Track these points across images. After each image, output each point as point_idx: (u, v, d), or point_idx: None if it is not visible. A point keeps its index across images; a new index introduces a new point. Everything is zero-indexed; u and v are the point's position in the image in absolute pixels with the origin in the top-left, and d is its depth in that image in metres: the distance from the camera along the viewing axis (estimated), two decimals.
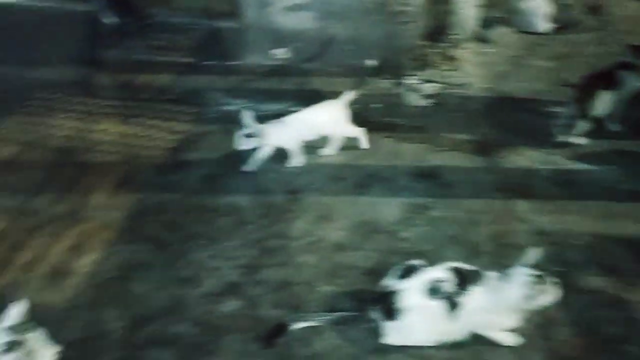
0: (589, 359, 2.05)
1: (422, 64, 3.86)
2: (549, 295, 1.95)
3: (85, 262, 2.53)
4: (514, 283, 1.96)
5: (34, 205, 2.85)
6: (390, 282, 2.14)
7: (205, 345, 2.17)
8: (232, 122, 2.98)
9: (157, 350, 2.16)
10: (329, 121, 3.05)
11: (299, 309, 2.28)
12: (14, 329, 1.57)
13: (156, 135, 3.34)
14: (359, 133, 3.13)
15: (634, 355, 2.06)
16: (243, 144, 2.88)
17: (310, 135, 3.06)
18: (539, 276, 1.93)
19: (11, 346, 1.52)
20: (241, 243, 2.61)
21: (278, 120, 2.99)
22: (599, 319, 2.19)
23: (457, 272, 2.05)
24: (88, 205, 2.83)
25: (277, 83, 3.77)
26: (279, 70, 3.83)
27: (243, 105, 3.38)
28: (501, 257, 2.40)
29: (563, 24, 4.28)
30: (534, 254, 1.97)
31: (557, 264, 2.33)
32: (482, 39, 4.19)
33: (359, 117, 3.26)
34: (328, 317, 2.21)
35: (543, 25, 4.24)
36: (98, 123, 3.45)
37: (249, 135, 2.87)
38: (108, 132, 3.37)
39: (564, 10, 4.39)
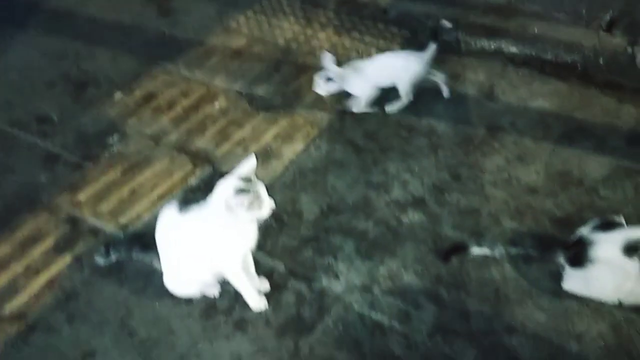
0: None
1: None
2: None
3: (291, 150, 2.81)
4: None
5: (255, 92, 3.19)
6: (585, 231, 2.09)
7: (385, 244, 2.33)
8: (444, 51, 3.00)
9: (342, 238, 2.38)
10: (401, 69, 2.89)
11: (479, 236, 2.33)
12: (246, 177, 1.84)
13: (363, 50, 3.47)
14: (441, 78, 3.00)
15: None
16: (322, 88, 2.90)
17: (384, 82, 2.93)
18: None
19: (245, 189, 1.79)
20: (434, 164, 2.68)
21: (356, 65, 2.92)
22: None
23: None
24: (300, 103, 3.09)
25: (496, 21, 3.65)
26: (503, 8, 3.69)
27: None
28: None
29: None
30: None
31: None
32: None
33: (580, 69, 3.09)
34: (508, 250, 2.23)
35: None
36: (316, 31, 3.68)
37: (328, 79, 2.86)
38: (323, 40, 3.58)
39: None
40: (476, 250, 2.23)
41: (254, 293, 2.09)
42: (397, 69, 2.90)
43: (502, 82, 3.16)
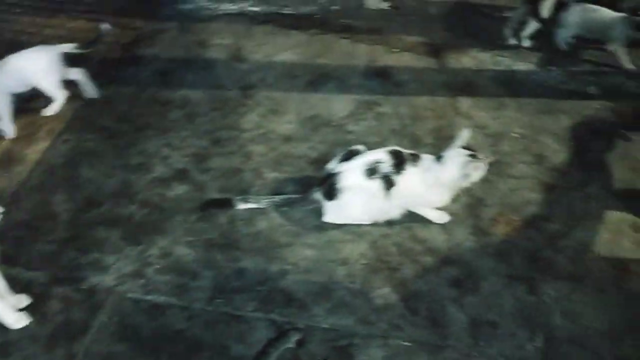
0: (511, 235, 2.21)
1: None
2: (479, 171, 2.07)
3: (35, 150, 2.55)
4: (449, 163, 2.07)
5: None
6: (332, 165, 2.24)
7: (152, 224, 2.26)
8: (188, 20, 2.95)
9: (105, 229, 2.24)
10: (35, 71, 2.62)
11: (245, 193, 2.37)
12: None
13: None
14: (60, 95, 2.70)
15: (551, 230, 2.23)
16: None
17: (19, 86, 2.63)
18: (472, 155, 2.04)
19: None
20: (192, 134, 2.65)
21: None
22: (524, 201, 2.34)
23: (395, 154, 2.15)
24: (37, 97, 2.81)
25: None
26: None
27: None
28: (440, 148, 2.51)
29: None
30: (465, 134, 2.08)
31: (490, 153, 2.47)
32: None
33: (318, 19, 3.27)
34: (272, 199, 2.31)
35: None
36: (51, 18, 3.36)
37: None
38: (61, 27, 3.29)
39: None
40: (242, 206, 2.27)
41: (9, 312, 1.89)
42: (30, 71, 2.61)
43: (248, 43, 3.22)
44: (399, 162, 2.12)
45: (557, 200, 2.35)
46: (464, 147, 2.08)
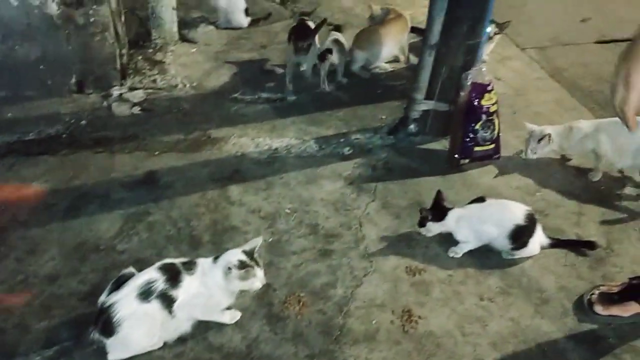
0: (303, 313, 2.23)
1: (128, 72, 3.78)
2: (257, 280, 2.07)
3: None
4: (219, 268, 2.04)
5: None
6: (103, 299, 2.05)
7: None
8: None
9: None
10: None
11: (13, 356, 2.05)
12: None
13: None
14: None
15: (338, 296, 2.31)
16: None
17: None
18: (243, 262, 2.03)
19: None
20: None
21: None
22: (308, 274, 2.40)
23: (167, 268, 2.06)
24: None
25: None
26: None
27: None
28: (222, 242, 2.51)
29: (259, 17, 4.58)
30: (256, 241, 2.10)
31: (268, 235, 2.51)
32: (186, 40, 4.26)
33: (66, 138, 3.09)
34: (44, 355, 2.03)
35: (242, 20, 4.48)
36: None
37: None
38: None
39: (257, 3, 4.73)
40: None
41: None
42: None
43: None
44: (173, 275, 2.03)
45: (338, 265, 2.45)
46: (247, 253, 2.07)
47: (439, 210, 2.49)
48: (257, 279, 2.06)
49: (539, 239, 2.50)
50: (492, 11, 3.01)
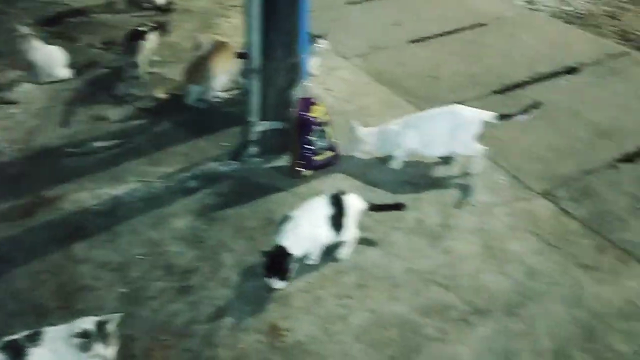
0: (170, 356, 2.18)
1: None
2: (109, 348, 2.01)
3: None
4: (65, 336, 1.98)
5: None
6: None
7: None
8: None
9: None
10: None
11: None
12: None
13: None
14: None
15: (203, 331, 2.29)
16: None
17: None
18: (85, 333, 1.96)
19: None
20: None
21: None
22: (169, 316, 2.35)
23: (7, 346, 1.92)
24: None
25: None
26: None
27: None
28: (73, 305, 2.39)
29: (83, 66, 4.40)
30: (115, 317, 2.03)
31: (122, 286, 2.42)
32: (5, 102, 3.97)
33: None
34: None
35: (63, 72, 4.28)
36: None
37: None
38: None
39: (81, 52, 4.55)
40: None
41: None
42: None
43: None
44: (15, 352, 1.90)
45: (198, 299, 2.44)
46: (99, 324, 1.99)
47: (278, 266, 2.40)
48: (100, 357, 1.99)
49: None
50: (306, 30, 3.18)
